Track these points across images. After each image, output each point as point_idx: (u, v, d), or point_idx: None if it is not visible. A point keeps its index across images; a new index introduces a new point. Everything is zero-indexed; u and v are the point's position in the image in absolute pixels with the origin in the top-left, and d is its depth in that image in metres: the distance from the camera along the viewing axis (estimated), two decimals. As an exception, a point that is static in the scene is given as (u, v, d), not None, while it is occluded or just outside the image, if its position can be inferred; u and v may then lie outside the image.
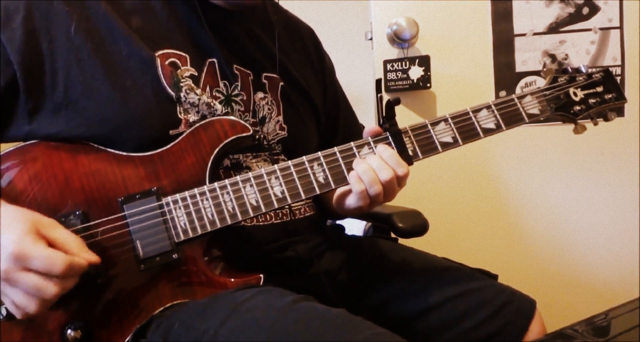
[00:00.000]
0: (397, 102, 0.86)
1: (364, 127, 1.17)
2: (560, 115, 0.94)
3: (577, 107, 0.93)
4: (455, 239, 1.70)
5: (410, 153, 0.86)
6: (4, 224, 0.71)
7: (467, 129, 0.88)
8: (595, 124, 0.97)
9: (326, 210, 1.10)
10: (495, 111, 0.89)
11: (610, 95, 0.95)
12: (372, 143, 0.85)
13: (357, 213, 0.88)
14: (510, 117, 0.90)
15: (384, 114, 0.86)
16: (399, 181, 0.85)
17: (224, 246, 0.88)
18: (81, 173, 0.81)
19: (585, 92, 0.94)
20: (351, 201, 0.87)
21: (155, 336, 0.77)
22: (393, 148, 0.85)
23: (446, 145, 0.87)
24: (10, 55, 0.82)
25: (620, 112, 1.67)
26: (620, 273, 1.70)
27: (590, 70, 0.96)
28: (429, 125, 0.87)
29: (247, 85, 0.96)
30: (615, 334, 0.71)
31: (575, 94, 0.93)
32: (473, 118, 0.88)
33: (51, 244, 0.72)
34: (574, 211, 1.71)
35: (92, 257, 0.74)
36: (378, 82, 1.65)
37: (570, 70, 0.96)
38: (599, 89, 0.95)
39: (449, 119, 0.88)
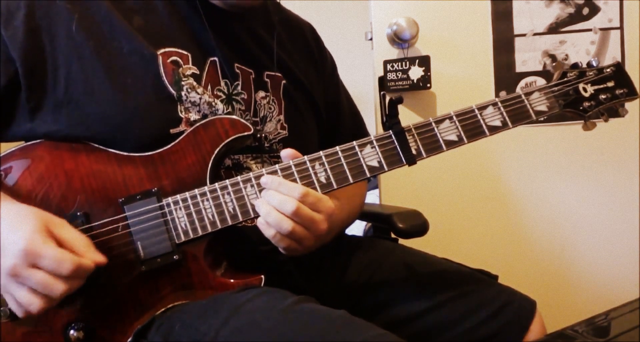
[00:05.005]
0: (400, 100, 0.85)
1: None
2: (569, 112, 0.90)
3: (587, 104, 0.89)
4: (455, 239, 1.70)
5: (414, 152, 0.84)
6: (15, 221, 0.72)
7: (472, 126, 0.85)
8: (606, 120, 0.93)
9: None
10: (502, 108, 0.86)
11: (621, 91, 0.90)
12: (374, 142, 0.84)
13: (300, 254, 0.82)
14: (517, 114, 0.87)
15: (386, 112, 0.85)
16: (313, 207, 0.78)
17: (225, 247, 0.88)
18: (82, 174, 0.81)
19: (596, 87, 0.90)
20: (280, 248, 0.81)
21: (156, 337, 0.77)
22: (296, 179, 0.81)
23: (451, 144, 0.85)
24: (11, 52, 0.82)
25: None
26: (620, 273, 1.70)
27: (600, 65, 0.92)
28: (433, 124, 0.85)
29: (248, 84, 0.96)
30: (616, 334, 0.71)
31: (585, 90, 0.89)
32: (478, 115, 0.86)
33: (59, 243, 0.72)
34: (574, 211, 1.71)
35: (98, 257, 0.74)
36: (381, 79, 1.65)
37: (580, 65, 0.92)
38: (610, 84, 0.91)
39: (454, 117, 0.85)
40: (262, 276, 0.83)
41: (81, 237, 0.74)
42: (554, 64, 0.93)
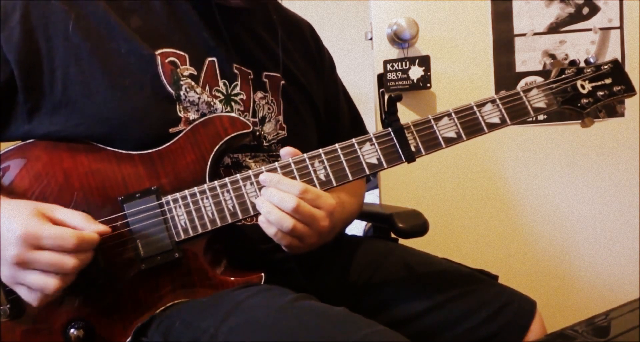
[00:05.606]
0: (399, 98, 0.85)
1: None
2: (568, 109, 0.91)
3: (585, 100, 0.90)
4: (456, 239, 1.70)
5: (413, 149, 0.84)
6: (9, 213, 0.72)
7: (471, 124, 0.86)
8: (603, 117, 0.93)
9: None
10: (500, 105, 0.87)
11: (619, 88, 0.91)
12: (373, 139, 0.84)
13: (303, 251, 0.83)
14: (516, 111, 0.87)
15: (385, 110, 0.86)
16: (314, 204, 0.78)
17: (224, 245, 0.88)
18: (81, 172, 0.81)
19: (594, 84, 0.91)
20: (282, 246, 0.81)
21: (156, 335, 0.77)
22: (296, 177, 0.81)
23: (450, 141, 0.85)
24: (7, 54, 0.82)
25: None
26: (620, 273, 1.70)
27: (598, 62, 0.92)
28: (432, 121, 0.86)
29: (246, 85, 0.96)
30: (616, 334, 0.71)
31: (582, 87, 0.90)
32: (477, 112, 0.86)
33: (56, 224, 0.72)
34: (574, 211, 1.71)
35: (100, 227, 0.74)
36: (379, 77, 1.65)
37: (578, 62, 0.93)
38: (608, 81, 0.91)
39: (453, 114, 0.86)
40: (262, 274, 0.83)
41: (77, 214, 0.75)
42: (552, 61, 0.93)
